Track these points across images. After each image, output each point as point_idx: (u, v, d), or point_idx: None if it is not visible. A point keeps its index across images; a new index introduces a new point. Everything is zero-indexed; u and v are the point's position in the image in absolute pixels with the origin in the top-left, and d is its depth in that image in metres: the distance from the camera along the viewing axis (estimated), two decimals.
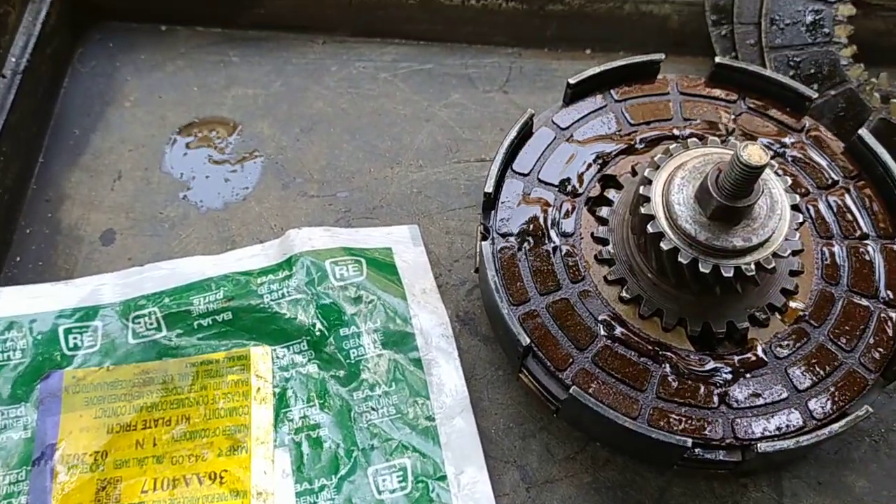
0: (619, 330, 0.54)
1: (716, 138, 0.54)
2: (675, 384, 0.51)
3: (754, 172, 0.46)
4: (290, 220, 0.67)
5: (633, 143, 0.60)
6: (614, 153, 0.59)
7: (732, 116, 0.60)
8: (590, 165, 0.59)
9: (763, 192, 0.48)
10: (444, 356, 0.59)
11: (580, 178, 0.59)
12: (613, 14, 0.75)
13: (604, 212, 0.57)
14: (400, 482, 0.55)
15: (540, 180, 0.58)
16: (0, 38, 0.68)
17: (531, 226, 0.57)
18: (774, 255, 0.49)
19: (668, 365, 0.52)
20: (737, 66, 0.61)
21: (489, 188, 0.57)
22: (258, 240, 0.65)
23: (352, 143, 0.71)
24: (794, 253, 0.54)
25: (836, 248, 0.56)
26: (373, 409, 0.57)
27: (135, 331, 0.60)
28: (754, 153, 0.45)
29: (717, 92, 0.62)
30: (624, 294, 0.54)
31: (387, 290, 0.61)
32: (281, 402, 0.58)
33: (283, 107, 0.73)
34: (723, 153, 0.51)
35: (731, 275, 0.49)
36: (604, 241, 0.56)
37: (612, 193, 0.57)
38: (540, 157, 0.59)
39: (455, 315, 0.62)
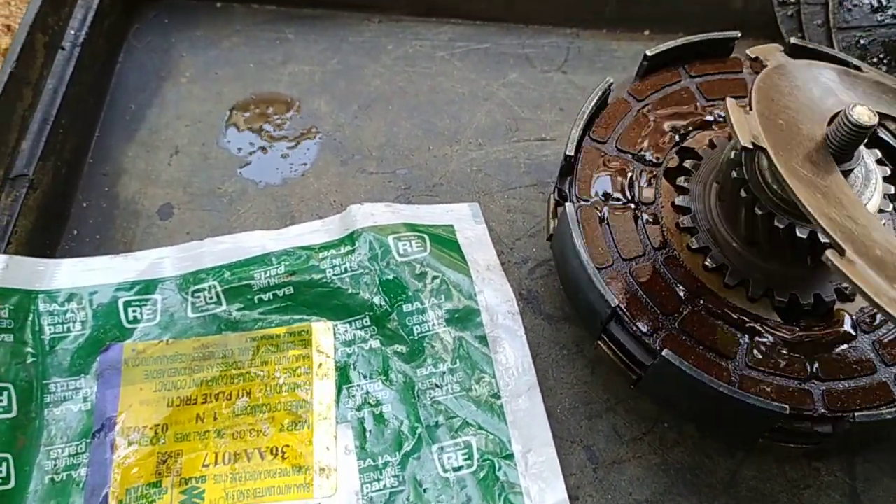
0: (704, 300, 0.53)
1: None
2: (764, 354, 0.50)
3: (863, 132, 0.45)
4: (350, 197, 0.66)
5: (708, 117, 0.59)
6: (691, 127, 0.58)
7: None
8: (667, 137, 0.58)
9: (860, 159, 0.47)
10: (509, 334, 0.58)
11: (659, 147, 0.58)
12: None
13: (684, 181, 0.56)
14: (465, 459, 0.54)
15: (618, 148, 0.58)
16: (60, 11, 0.68)
17: (612, 191, 0.56)
18: None
19: (756, 334, 0.51)
20: (811, 48, 0.60)
21: (570, 151, 0.56)
22: (318, 215, 0.65)
23: (410, 120, 0.70)
24: None
25: None
26: (437, 385, 0.56)
27: (194, 304, 0.59)
28: (864, 113, 0.45)
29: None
30: (708, 262, 0.53)
31: (451, 267, 0.60)
32: (343, 378, 0.57)
33: (341, 84, 0.73)
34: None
35: (827, 240, 0.48)
36: (685, 210, 0.55)
37: (690, 165, 0.57)
38: (617, 126, 0.59)
39: (518, 293, 0.61)
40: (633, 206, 0.56)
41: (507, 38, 0.76)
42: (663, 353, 0.49)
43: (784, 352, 0.51)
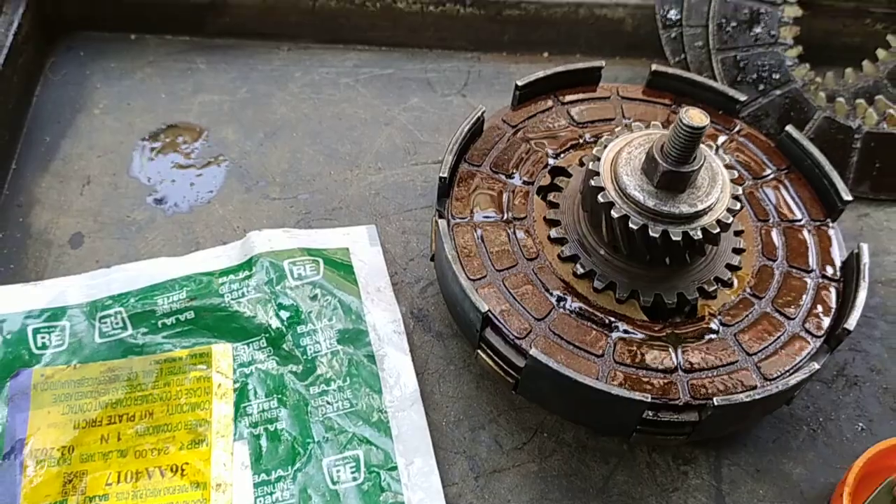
0: (574, 303, 0.56)
1: (657, 122, 0.58)
2: (630, 350, 0.54)
3: (696, 133, 0.49)
4: (253, 222, 0.69)
5: (579, 139, 0.62)
6: (562, 148, 0.62)
7: (668, 116, 0.63)
8: (539, 157, 0.62)
9: (704, 162, 0.52)
10: (396, 351, 0.61)
11: (531, 168, 0.62)
12: (569, 18, 0.77)
13: (554, 197, 0.60)
14: (353, 472, 0.57)
15: (493, 170, 0.61)
16: None
17: (487, 210, 0.60)
18: (718, 221, 0.52)
19: (623, 332, 0.55)
20: (671, 73, 0.64)
21: (444, 173, 0.59)
22: (221, 241, 0.68)
23: (313, 147, 0.73)
24: (737, 233, 0.58)
25: (773, 231, 0.60)
26: (328, 402, 0.59)
27: (101, 330, 0.62)
28: (695, 116, 0.49)
29: (655, 97, 0.65)
30: (577, 269, 0.57)
31: (342, 289, 0.63)
32: (241, 397, 0.60)
33: (248, 112, 0.76)
34: (665, 132, 0.54)
35: (679, 239, 0.52)
36: (556, 223, 0.59)
37: (561, 182, 0.61)
38: (492, 150, 0.62)
39: (409, 312, 0.64)
40: (505, 222, 0.59)
41: (411, 63, 0.79)
42: (531, 352, 0.52)
43: (649, 347, 0.55)
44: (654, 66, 0.64)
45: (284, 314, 0.62)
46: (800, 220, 0.60)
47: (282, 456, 0.58)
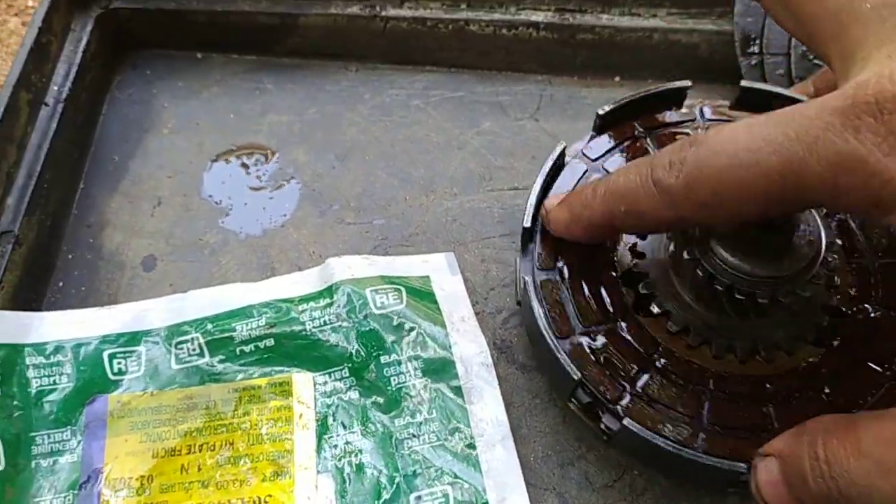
0: (668, 360, 0.55)
1: None
2: (722, 408, 0.53)
3: None
4: (328, 247, 0.68)
5: None
6: None
7: None
8: None
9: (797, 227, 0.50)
10: (484, 384, 0.60)
11: None
12: (642, 43, 0.76)
13: (640, 245, 0.58)
14: None
15: None
16: (43, 68, 0.70)
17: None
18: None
19: (717, 390, 0.53)
20: (762, 89, 0.62)
21: (527, 223, 0.58)
22: (297, 266, 0.67)
23: (386, 170, 0.72)
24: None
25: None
26: (414, 435, 0.58)
27: (178, 356, 0.61)
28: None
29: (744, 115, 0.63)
30: (671, 326, 0.55)
31: (427, 319, 0.62)
32: (323, 428, 0.59)
33: (318, 134, 0.75)
34: None
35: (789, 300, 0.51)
36: (644, 276, 0.57)
37: None
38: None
39: (492, 343, 0.63)
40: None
41: (481, 86, 0.78)
42: (624, 422, 0.51)
43: (745, 404, 0.53)
44: (742, 83, 0.62)
45: (367, 344, 0.61)
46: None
47: (367, 490, 0.56)
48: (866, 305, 0.56)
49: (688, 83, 0.63)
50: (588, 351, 0.55)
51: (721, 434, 0.52)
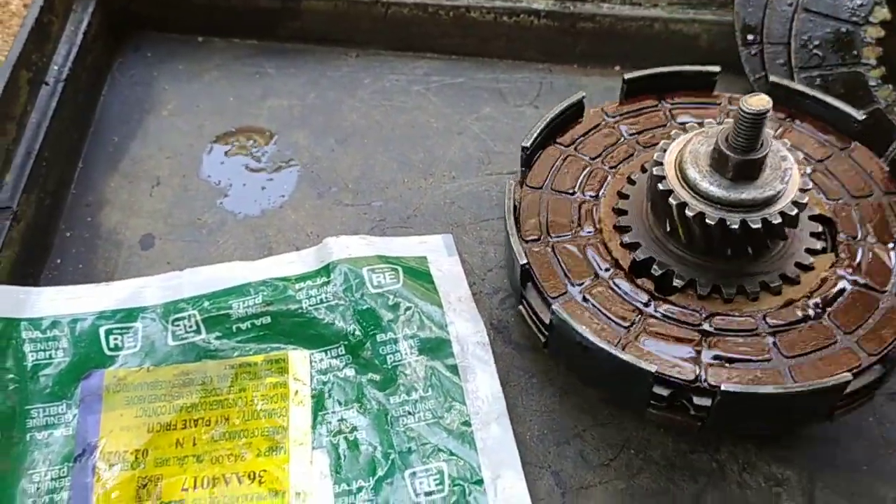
0: (659, 308, 0.56)
1: (711, 120, 0.59)
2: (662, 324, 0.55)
3: (759, 118, 0.50)
4: (326, 228, 0.68)
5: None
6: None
7: (779, 131, 0.63)
8: (628, 148, 0.63)
9: (770, 147, 0.52)
10: (480, 363, 0.60)
11: (616, 156, 0.63)
12: (643, 32, 0.76)
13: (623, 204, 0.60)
14: (437, 485, 0.55)
15: (576, 150, 0.63)
16: (44, 47, 0.70)
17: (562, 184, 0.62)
18: (794, 202, 0.52)
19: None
20: (791, 87, 0.64)
21: (526, 143, 0.61)
22: (294, 247, 0.67)
23: (385, 154, 0.73)
24: (813, 218, 0.58)
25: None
26: (409, 413, 0.58)
27: (174, 333, 0.61)
28: (756, 101, 0.49)
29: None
30: (654, 270, 0.56)
31: (423, 298, 0.62)
32: (318, 405, 0.58)
33: (319, 118, 0.75)
34: (724, 126, 0.54)
35: (759, 226, 0.52)
36: (626, 229, 0.59)
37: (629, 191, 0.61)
38: (586, 135, 0.64)
39: (489, 323, 0.63)
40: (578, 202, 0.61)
41: (482, 73, 0.78)
42: (553, 307, 0.52)
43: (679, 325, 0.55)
44: (772, 78, 0.64)
45: (364, 322, 0.61)
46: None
47: (362, 466, 0.56)
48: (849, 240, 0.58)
49: (717, 68, 0.65)
50: (544, 253, 0.58)
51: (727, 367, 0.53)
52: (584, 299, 0.56)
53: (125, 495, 0.55)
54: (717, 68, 0.65)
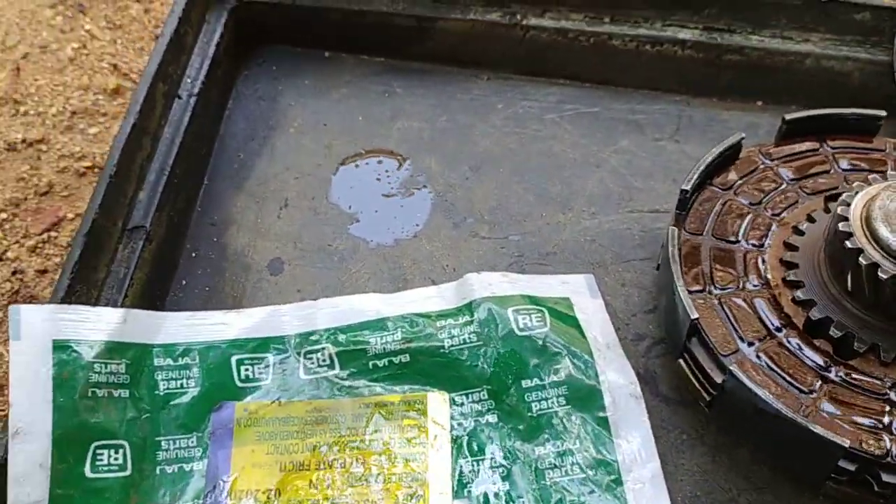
0: (839, 372, 0.53)
1: (895, 172, 0.56)
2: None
3: None
4: (462, 262, 0.65)
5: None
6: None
7: None
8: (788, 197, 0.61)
9: None
10: (632, 417, 0.57)
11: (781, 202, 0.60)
12: (792, 67, 0.73)
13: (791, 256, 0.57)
14: None
15: (735, 193, 0.61)
16: (180, 59, 0.68)
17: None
18: None
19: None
20: None
21: (686, 186, 0.58)
22: (430, 279, 0.64)
23: (521, 184, 0.70)
24: None
25: None
26: (556, 466, 0.55)
27: (307, 366, 0.59)
28: None
29: None
30: (833, 332, 0.53)
31: (572, 344, 0.59)
32: (459, 452, 0.56)
33: (450, 143, 0.72)
34: None
35: None
36: (798, 285, 0.56)
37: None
38: (744, 178, 0.61)
39: (636, 372, 0.60)
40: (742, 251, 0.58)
41: (617, 103, 0.75)
42: (730, 367, 0.50)
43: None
44: None
45: (509, 366, 0.58)
46: None
47: None
48: None
49: (882, 112, 0.62)
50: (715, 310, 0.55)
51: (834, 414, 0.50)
52: (758, 358, 0.53)
53: None
54: (883, 112, 0.62)
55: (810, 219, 0.58)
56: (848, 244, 0.50)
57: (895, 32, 0.71)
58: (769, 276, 0.56)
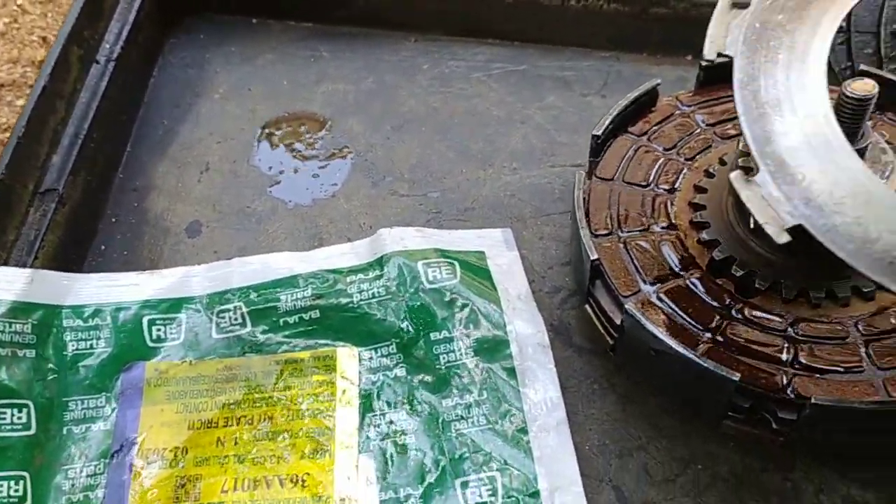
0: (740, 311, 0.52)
1: None
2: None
3: (864, 105, 0.45)
4: (380, 219, 0.65)
5: None
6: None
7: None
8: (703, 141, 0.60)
9: (871, 139, 0.48)
10: (539, 367, 0.56)
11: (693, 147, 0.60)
12: None
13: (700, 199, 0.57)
14: (490, 495, 0.52)
15: (649, 140, 0.60)
16: (96, 24, 0.68)
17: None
18: None
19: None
20: (881, 76, 0.59)
21: (598, 132, 0.58)
22: (347, 238, 0.64)
23: (443, 143, 0.69)
24: None
25: None
26: (462, 417, 0.54)
27: (219, 325, 0.58)
28: (859, 86, 0.45)
29: None
30: (736, 270, 0.53)
31: (481, 295, 0.58)
32: (367, 406, 0.55)
33: (375, 104, 0.72)
34: None
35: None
36: (704, 225, 0.55)
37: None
38: (659, 125, 0.60)
39: (549, 324, 0.59)
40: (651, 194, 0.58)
41: (545, 60, 0.74)
42: (626, 306, 0.49)
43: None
44: (862, 67, 0.59)
45: (417, 319, 0.57)
46: None
47: (411, 472, 0.53)
48: None
49: None
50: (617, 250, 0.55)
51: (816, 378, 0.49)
52: (659, 299, 0.52)
53: (162, 495, 0.52)
54: None
55: (722, 162, 0.57)
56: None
57: None
58: (677, 220, 0.56)
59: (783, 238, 0.42)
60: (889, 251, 0.40)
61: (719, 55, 0.55)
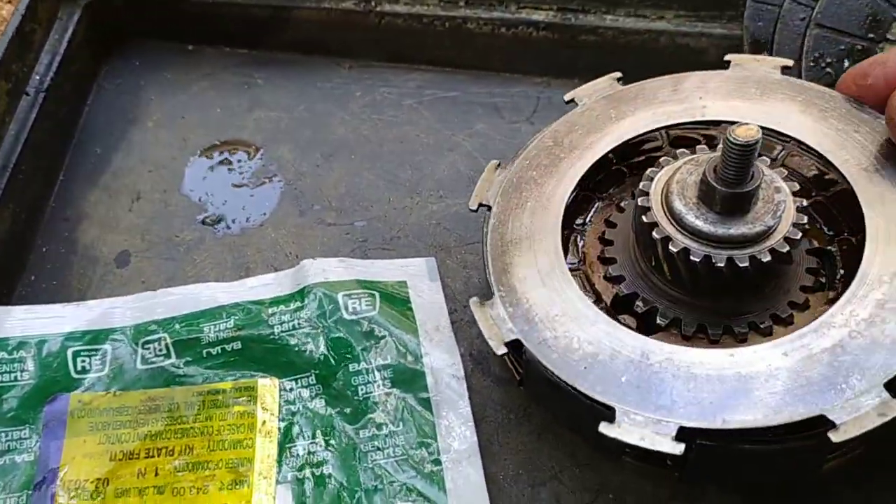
0: None
1: (704, 146, 0.55)
2: None
3: (748, 150, 0.46)
4: (306, 249, 0.66)
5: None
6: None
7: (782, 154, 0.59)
8: None
9: (762, 179, 0.48)
10: (454, 398, 0.57)
11: None
12: (647, 46, 0.73)
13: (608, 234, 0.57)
14: None
15: None
16: (25, 57, 0.68)
17: None
18: (787, 239, 0.49)
19: None
20: None
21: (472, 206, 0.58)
22: (273, 267, 0.65)
23: (372, 170, 0.70)
24: (811, 252, 0.54)
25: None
26: (378, 448, 0.55)
27: (144, 356, 0.59)
28: (744, 131, 0.46)
29: None
30: (638, 306, 0.53)
31: (399, 326, 0.59)
32: (286, 437, 0.56)
33: (306, 131, 0.73)
34: (714, 155, 0.50)
35: (747, 265, 0.48)
36: (611, 261, 0.56)
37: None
38: None
39: (468, 354, 0.60)
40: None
41: (476, 87, 0.75)
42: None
43: None
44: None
45: (336, 350, 0.58)
46: None
47: (327, 503, 0.54)
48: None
49: None
50: None
51: None
52: None
53: None
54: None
55: (633, 195, 0.58)
56: (644, 219, 0.51)
57: (746, 5, 0.71)
58: (586, 254, 0.56)
59: (501, 350, 0.50)
60: (584, 359, 0.48)
61: (480, 205, 0.57)
